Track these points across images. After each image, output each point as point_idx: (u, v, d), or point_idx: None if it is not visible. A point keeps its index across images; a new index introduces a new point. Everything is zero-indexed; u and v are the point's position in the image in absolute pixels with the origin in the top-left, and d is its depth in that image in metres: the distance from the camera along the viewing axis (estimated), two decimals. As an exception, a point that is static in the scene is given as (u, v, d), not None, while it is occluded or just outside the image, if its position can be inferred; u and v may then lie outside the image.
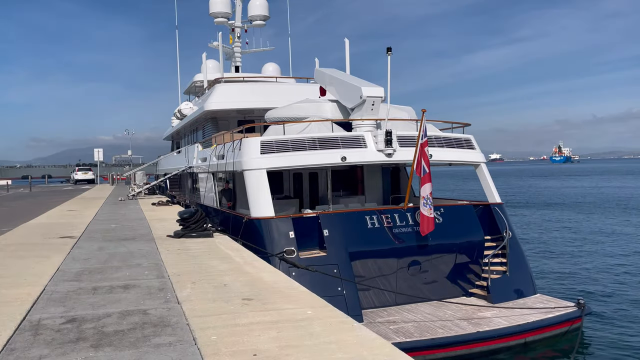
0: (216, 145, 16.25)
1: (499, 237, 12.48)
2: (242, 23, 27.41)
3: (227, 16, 27.02)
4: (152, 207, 18.81)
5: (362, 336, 4.31)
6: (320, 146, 12.25)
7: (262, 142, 12.23)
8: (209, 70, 25.09)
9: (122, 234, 11.26)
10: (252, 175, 12.05)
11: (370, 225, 11.42)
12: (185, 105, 25.34)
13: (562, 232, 26.42)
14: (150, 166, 39.27)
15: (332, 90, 15.06)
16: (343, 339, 4.26)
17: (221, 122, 20.41)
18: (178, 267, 7.45)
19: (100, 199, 24.00)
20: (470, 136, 14.23)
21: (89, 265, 7.66)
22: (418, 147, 11.49)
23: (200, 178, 19.39)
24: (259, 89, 19.87)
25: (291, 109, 14.95)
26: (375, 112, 13.20)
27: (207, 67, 24.59)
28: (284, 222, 11.23)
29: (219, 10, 26.62)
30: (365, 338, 4.26)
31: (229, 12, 26.95)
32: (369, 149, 12.43)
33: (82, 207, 19.57)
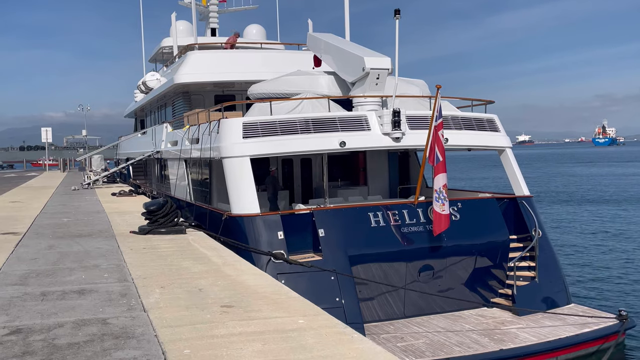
0: (189, 127, 16.23)
1: (527, 237, 12.55)
2: (220, -24, 27.30)
3: (203, -32, 26.90)
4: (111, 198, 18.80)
5: (364, 349, 4.39)
6: (315, 128, 12.26)
7: (244, 124, 12.22)
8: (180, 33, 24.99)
9: (76, 229, 11.27)
10: (232, 163, 12.05)
11: (374, 223, 11.48)
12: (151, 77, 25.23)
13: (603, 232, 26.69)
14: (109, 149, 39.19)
15: (328, 60, 15.03)
16: (341, 352, 4.34)
17: (195, 97, 20.36)
18: (144, 268, 7.50)
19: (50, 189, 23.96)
20: (493, 116, 14.26)
21: (36, 267, 7.70)
22: (431, 130, 11.52)
23: (169, 165, 19.38)
24: (240, 57, 19.78)
25: (279, 83, 14.92)
26: (381, 88, 13.21)
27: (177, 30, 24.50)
28: (271, 221, 11.26)
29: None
30: (367, 352, 4.35)
31: (205, -37, 26.82)
32: (373, 132, 12.46)
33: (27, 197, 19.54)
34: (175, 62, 22.31)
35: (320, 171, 16.81)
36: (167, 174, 20.09)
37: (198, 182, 16.19)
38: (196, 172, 16.32)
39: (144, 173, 27.42)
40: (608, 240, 24.54)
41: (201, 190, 15.86)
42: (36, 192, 22.56)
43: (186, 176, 16.85)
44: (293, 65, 17.41)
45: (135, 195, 20.24)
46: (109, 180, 27.64)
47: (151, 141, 23.20)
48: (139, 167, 27.86)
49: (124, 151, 33.31)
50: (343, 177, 17.40)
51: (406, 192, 16.41)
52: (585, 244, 23.76)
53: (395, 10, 12.04)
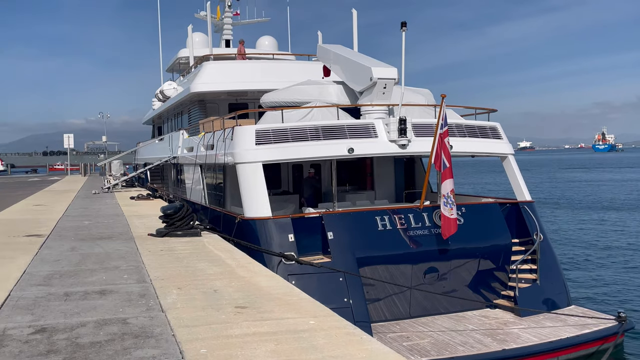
0: (204, 134, 16.30)
1: (529, 241, 12.51)
2: (233, -10, 27.45)
3: (217, -17, 27.06)
4: (130, 202, 18.90)
5: (373, 350, 4.38)
6: (324, 136, 12.29)
7: (257, 131, 12.27)
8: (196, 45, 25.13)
9: (96, 232, 11.33)
10: (245, 169, 12.10)
11: (381, 226, 11.48)
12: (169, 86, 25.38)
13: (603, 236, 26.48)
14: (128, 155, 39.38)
15: (337, 70, 15.07)
16: (351, 353, 4.33)
17: (210, 105, 20.45)
18: (161, 270, 7.52)
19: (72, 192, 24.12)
20: (496, 124, 14.24)
21: (59, 268, 7.74)
22: (437, 137, 11.51)
23: (185, 170, 19.46)
24: (253, 67, 19.88)
25: (290, 92, 14.97)
26: (387, 96, 13.22)
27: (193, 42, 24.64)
28: (283, 223, 11.28)
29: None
30: (376, 352, 4.34)
31: (219, -21, 26.99)
32: (380, 139, 12.48)
33: (50, 201, 19.68)
34: (191, 72, 22.44)
35: (329, 177, 16.84)
36: (183, 178, 20.18)
37: (212, 187, 16.26)
38: (211, 177, 16.39)
39: (161, 178, 27.54)
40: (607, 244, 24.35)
41: (215, 194, 15.92)
42: (59, 195, 22.72)
43: (201, 181, 16.92)
44: (303, 75, 17.48)
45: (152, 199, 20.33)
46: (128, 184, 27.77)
47: (168, 147, 23.32)
48: (156, 172, 27.99)
49: (142, 157, 33.49)
50: (351, 182, 17.42)
51: (412, 197, 16.39)
52: (585, 248, 23.58)
53: (401, 23, 12.06)
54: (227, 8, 27.29)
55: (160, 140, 27.65)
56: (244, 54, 21.96)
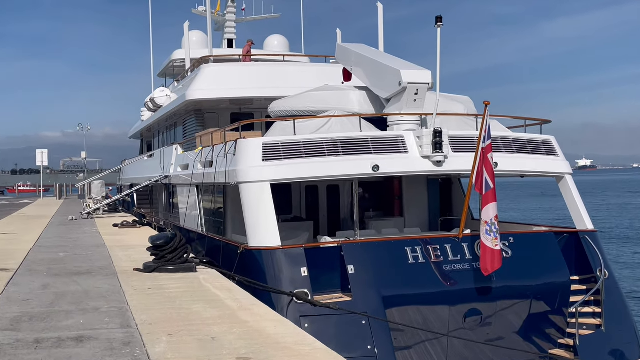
0: (202, 148, 16.41)
1: (591, 278, 12.37)
2: (238, -19, 27.82)
3: (219, -28, 27.45)
4: (113, 230, 18.98)
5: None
6: (344, 150, 12.30)
7: (264, 145, 12.33)
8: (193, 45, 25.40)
9: (73, 266, 11.36)
10: (250, 189, 12.13)
11: (412, 259, 11.41)
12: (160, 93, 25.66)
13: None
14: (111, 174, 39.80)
15: (359, 74, 15.13)
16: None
17: (208, 115, 20.61)
18: (149, 312, 7.51)
19: (45, 218, 24.33)
20: (550, 137, 14.17)
21: (29, 309, 7.75)
22: (479, 152, 11.46)
23: (179, 191, 19.57)
24: (260, 71, 20.03)
25: (304, 100, 15.04)
26: (420, 105, 13.23)
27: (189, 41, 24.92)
28: (294, 255, 11.26)
29: (208, -36, 26.98)
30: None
31: (221, -33, 27.39)
32: (411, 155, 12.48)
33: (20, 228, 19.85)
34: (187, 77, 22.68)
35: (349, 199, 16.78)
36: (176, 201, 20.28)
37: (211, 211, 16.31)
38: (209, 199, 16.45)
39: (150, 201, 27.70)
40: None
41: (214, 220, 15.96)
42: (30, 222, 22.93)
43: (198, 204, 16.99)
44: (319, 79, 17.57)
45: (139, 226, 20.43)
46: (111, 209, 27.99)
47: (159, 165, 23.50)
48: (144, 195, 28.17)
49: (128, 176, 33.78)
50: (376, 207, 17.36)
51: (448, 225, 16.29)
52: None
53: (436, 18, 12.10)
54: (230, 2, 27.55)
55: (149, 156, 27.86)
56: (249, 56, 22.17)
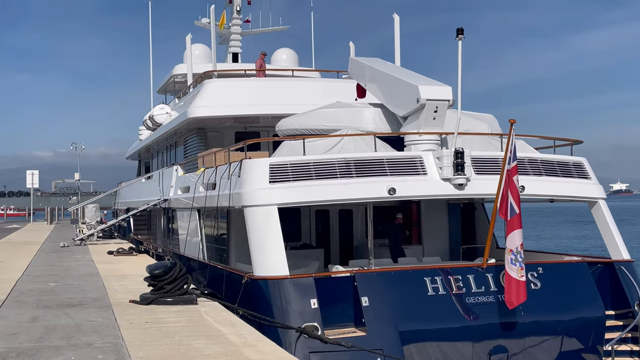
0: (204, 170, 16.44)
1: (628, 313, 12.27)
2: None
3: (224, -18, 27.74)
4: (108, 258, 18.94)
5: None
6: (358, 172, 12.30)
7: (271, 165, 12.35)
8: (195, 59, 25.61)
9: (65, 297, 11.34)
10: (256, 213, 12.13)
11: (432, 291, 11.36)
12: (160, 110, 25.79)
13: None
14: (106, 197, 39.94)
15: (374, 90, 15.17)
16: None
17: (212, 134, 20.68)
18: (146, 348, 7.46)
19: (35, 244, 24.35)
20: (581, 159, 14.13)
21: (16, 344, 7.71)
22: (504, 174, 11.43)
23: (179, 216, 19.57)
24: (266, 87, 20.13)
25: (314, 117, 15.07)
26: (439, 123, 13.24)
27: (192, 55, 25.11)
28: (303, 285, 11.23)
29: (212, -26, 27.28)
30: None
31: (226, -24, 27.68)
32: (430, 177, 12.46)
33: (7, 255, 19.85)
34: (189, 93, 22.82)
35: (363, 226, 16.73)
36: (175, 227, 20.28)
37: (213, 237, 16.29)
38: (211, 224, 16.44)
39: (148, 226, 27.71)
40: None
41: (217, 248, 15.94)
42: (18, 248, 22.96)
43: (199, 230, 16.98)
44: (331, 95, 17.62)
45: (136, 254, 20.40)
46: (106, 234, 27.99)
47: (157, 187, 23.55)
48: (141, 219, 28.18)
49: (125, 200, 33.85)
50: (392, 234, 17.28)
51: (471, 253, 16.21)
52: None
53: (457, 30, 12.14)
54: (236, 14, 27.81)
55: (147, 178, 27.94)
56: (263, 70, 22.23)
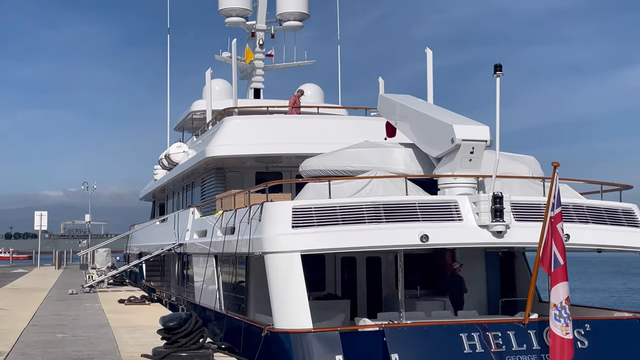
0: (222, 213, 16.52)
1: None
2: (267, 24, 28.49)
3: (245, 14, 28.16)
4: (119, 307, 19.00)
5: None
6: (387, 217, 12.28)
7: (295, 209, 12.37)
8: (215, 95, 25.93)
9: (73, 349, 11.36)
10: (278, 261, 12.13)
11: (468, 348, 11.25)
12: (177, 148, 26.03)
13: None
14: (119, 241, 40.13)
15: (405, 129, 15.20)
16: None
17: (231, 175, 20.81)
18: (158, 407, 7.43)
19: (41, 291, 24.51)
20: (632, 206, 14.00)
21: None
22: (547, 222, 11.35)
23: (195, 262, 19.60)
24: (290, 124, 20.28)
25: (341, 158, 15.12)
26: (476, 165, 13.22)
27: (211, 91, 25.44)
28: (328, 339, 11.18)
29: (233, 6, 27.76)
30: None
31: (248, 9, 28.07)
32: (466, 224, 12.41)
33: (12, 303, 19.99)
34: (208, 131, 23.04)
35: (392, 275, 16.61)
36: (191, 274, 20.29)
37: (231, 286, 16.28)
38: (229, 272, 16.45)
39: (161, 273, 27.76)
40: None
41: (235, 297, 15.92)
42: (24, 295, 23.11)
43: (216, 277, 16.99)
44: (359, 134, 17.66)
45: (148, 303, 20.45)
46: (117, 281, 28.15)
47: (172, 231, 23.65)
48: (154, 265, 28.24)
49: (137, 244, 34.01)
50: (424, 284, 17.18)
51: (511, 307, 16.02)
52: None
53: (495, 66, 12.17)
54: (258, 48, 28.17)
55: (162, 221, 28.09)
56: (298, 107, 22.31)
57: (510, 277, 17.35)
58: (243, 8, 27.81)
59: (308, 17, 28.51)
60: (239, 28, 28.50)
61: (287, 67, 29.95)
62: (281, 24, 28.68)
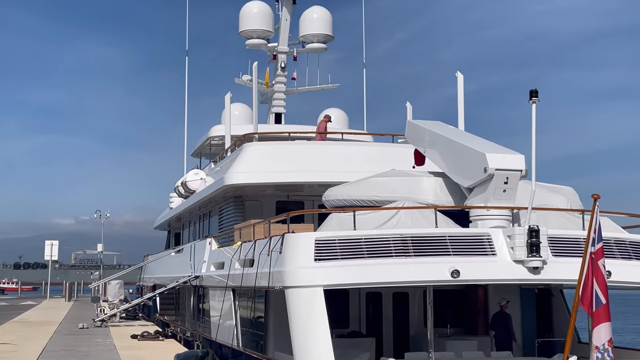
0: (241, 244, 16.53)
1: None
2: (289, 47, 28.69)
3: (267, 36, 28.41)
4: (131, 342, 19.00)
5: None
6: (416, 251, 12.23)
7: (317, 241, 12.37)
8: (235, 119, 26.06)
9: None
10: (299, 296, 12.10)
11: (503, 392, 11.08)
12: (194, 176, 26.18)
13: None
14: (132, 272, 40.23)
15: (435, 157, 15.19)
16: None
17: (250, 204, 20.86)
18: None
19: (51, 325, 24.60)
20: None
21: None
22: (587, 258, 11.20)
23: (211, 295, 19.60)
24: (313, 151, 20.33)
25: (366, 187, 15.12)
26: (510, 196, 13.14)
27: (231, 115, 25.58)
28: None
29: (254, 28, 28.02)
30: None
31: (270, 31, 28.33)
32: (500, 258, 12.33)
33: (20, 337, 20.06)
34: (226, 157, 23.16)
35: (421, 312, 16.48)
36: (207, 308, 20.28)
37: (249, 321, 16.25)
38: (248, 306, 16.42)
39: (176, 306, 27.78)
40: None
41: (253, 333, 15.88)
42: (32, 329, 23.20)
43: (233, 312, 16.96)
44: (385, 162, 17.69)
45: (162, 338, 20.43)
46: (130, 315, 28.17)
47: (188, 262, 23.71)
48: (169, 298, 28.29)
49: (151, 275, 34.12)
50: (455, 322, 17.11)
51: (548, 348, 15.84)
52: None
53: (531, 92, 12.15)
54: (280, 71, 28.31)
55: (177, 252, 28.17)
56: (325, 133, 22.33)
57: (547, 315, 17.18)
58: (264, 30, 28.06)
59: (332, 39, 28.69)
60: (260, 50, 28.77)
61: (310, 91, 30.06)
62: (304, 46, 28.84)
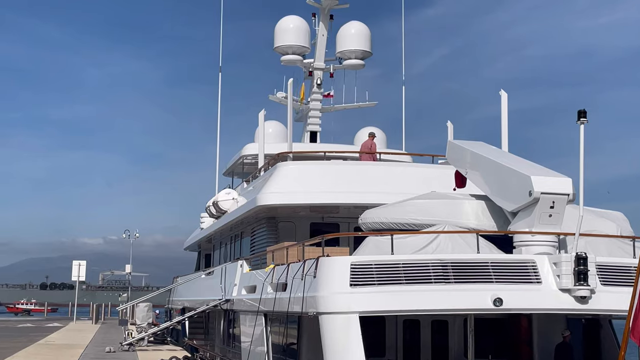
0: (274, 267, 16.57)
1: None
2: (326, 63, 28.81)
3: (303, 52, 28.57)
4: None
5: None
6: (456, 277, 12.21)
7: (353, 265, 12.38)
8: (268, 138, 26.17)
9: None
10: (334, 322, 12.10)
11: None
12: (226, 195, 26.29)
13: None
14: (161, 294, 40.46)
15: (477, 179, 15.15)
16: None
17: (283, 225, 20.91)
18: None
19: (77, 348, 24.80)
20: None
21: None
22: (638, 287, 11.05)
23: (242, 320, 19.65)
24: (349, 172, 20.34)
25: (405, 210, 15.11)
26: (557, 221, 13.08)
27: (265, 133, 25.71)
28: None
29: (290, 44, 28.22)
30: None
31: (306, 47, 28.48)
32: (545, 286, 12.26)
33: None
34: (259, 177, 23.25)
35: (461, 341, 16.38)
36: (237, 333, 20.34)
37: (282, 348, 16.28)
38: (280, 332, 16.44)
39: (205, 330, 27.87)
40: None
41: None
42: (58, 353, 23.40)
43: (265, 338, 16.99)
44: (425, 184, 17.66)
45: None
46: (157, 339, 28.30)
47: (219, 285, 23.80)
48: (198, 322, 28.39)
49: (180, 298, 34.27)
50: (497, 352, 16.97)
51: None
52: None
53: (579, 113, 12.10)
54: (316, 88, 28.37)
55: (207, 274, 28.27)
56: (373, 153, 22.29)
57: (595, 347, 16.97)
58: (300, 45, 28.21)
59: (370, 55, 28.77)
60: (296, 67, 28.90)
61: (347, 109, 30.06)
62: (341, 62, 28.93)
